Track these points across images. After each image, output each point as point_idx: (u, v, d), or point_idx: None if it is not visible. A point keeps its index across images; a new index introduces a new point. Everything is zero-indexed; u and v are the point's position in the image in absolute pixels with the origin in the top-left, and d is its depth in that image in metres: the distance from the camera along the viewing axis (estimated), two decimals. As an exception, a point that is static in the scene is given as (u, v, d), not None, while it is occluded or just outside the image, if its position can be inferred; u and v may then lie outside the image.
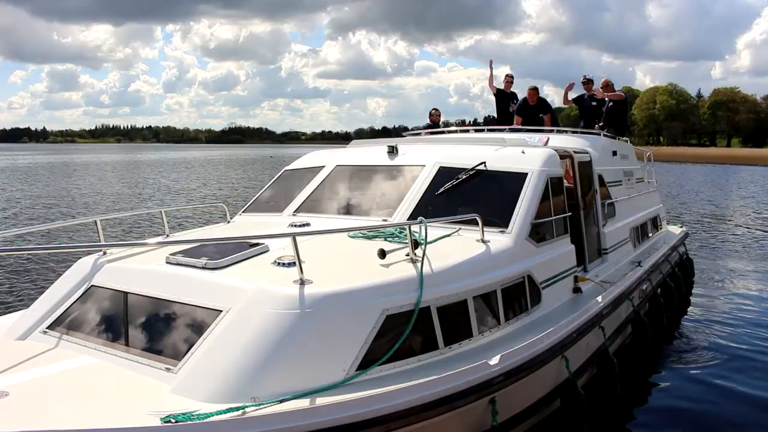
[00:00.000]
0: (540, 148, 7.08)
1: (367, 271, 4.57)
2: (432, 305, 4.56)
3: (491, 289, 5.15)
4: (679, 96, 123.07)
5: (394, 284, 4.44)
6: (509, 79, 11.80)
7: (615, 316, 7.05)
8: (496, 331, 5.13)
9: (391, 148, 7.32)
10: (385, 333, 4.25)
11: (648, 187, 11.57)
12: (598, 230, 8.07)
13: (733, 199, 32.28)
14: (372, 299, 4.27)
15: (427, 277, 4.59)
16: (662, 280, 9.83)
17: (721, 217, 24.20)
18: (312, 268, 4.46)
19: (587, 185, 8.03)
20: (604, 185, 8.57)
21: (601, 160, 8.64)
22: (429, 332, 4.54)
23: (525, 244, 5.81)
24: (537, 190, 6.24)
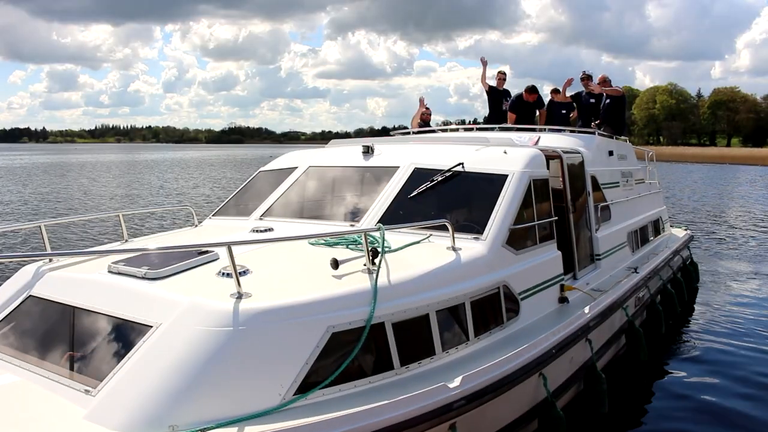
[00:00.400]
0: (524, 148, 6.65)
1: (316, 283, 4.17)
2: (386, 321, 4.13)
3: (458, 301, 4.71)
4: (679, 96, 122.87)
5: (343, 298, 4.02)
6: (501, 76, 11.37)
7: (605, 328, 6.63)
8: (464, 348, 4.68)
9: (366, 148, 6.92)
10: (331, 352, 3.85)
11: (649, 189, 11.11)
12: (590, 235, 7.64)
13: (736, 199, 31.74)
14: (316, 315, 3.86)
15: (383, 290, 4.19)
16: (662, 287, 9.38)
17: (726, 218, 23.62)
18: (257, 280, 4.13)
19: (579, 187, 7.61)
20: (599, 187, 8.14)
21: (595, 160, 8.21)
22: (383, 351, 4.12)
23: (501, 251, 5.37)
24: (517, 193, 5.80)
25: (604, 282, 7.31)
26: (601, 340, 6.62)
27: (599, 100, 10.77)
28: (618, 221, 8.61)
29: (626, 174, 9.62)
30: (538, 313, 5.72)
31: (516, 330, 5.27)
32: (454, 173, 6.12)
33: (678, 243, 11.02)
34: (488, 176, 6.03)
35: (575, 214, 7.24)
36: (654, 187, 11.71)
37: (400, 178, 6.23)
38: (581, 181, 7.68)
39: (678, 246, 10.85)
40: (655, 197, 11.43)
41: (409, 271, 4.54)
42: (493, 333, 5.02)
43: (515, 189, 5.82)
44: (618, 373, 7.23)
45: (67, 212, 24.16)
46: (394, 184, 6.18)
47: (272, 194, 6.77)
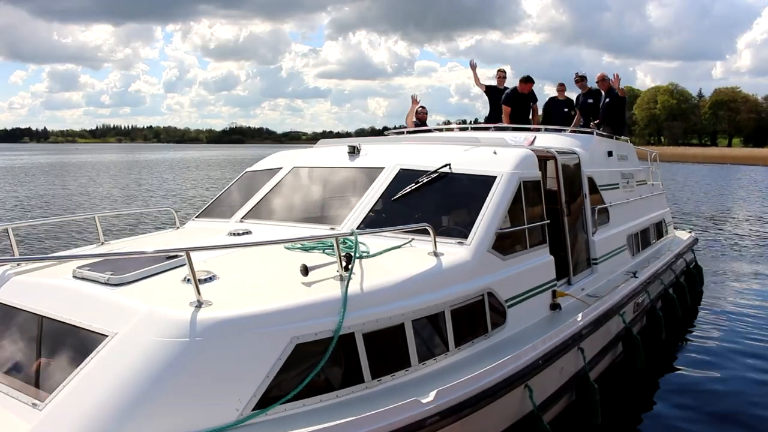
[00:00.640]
0: (514, 149, 6.41)
1: (284, 291, 3.95)
2: (357, 331, 3.91)
3: (437, 310, 4.46)
4: (680, 96, 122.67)
5: (309, 307, 3.80)
6: (501, 74, 11.08)
7: (599, 336, 6.39)
8: (444, 359, 4.44)
9: (351, 148, 6.70)
10: (295, 365, 3.63)
11: (652, 190, 10.81)
12: (587, 238, 7.41)
13: (739, 200, 31.40)
14: (279, 325, 3.64)
15: (354, 298, 3.96)
16: (663, 292, 9.11)
17: (729, 219, 23.25)
18: (222, 287, 3.94)
19: (575, 189, 7.38)
20: (596, 189, 7.89)
21: (592, 161, 7.96)
22: (352, 363, 3.90)
23: (486, 256, 5.13)
24: (506, 196, 5.57)
25: (600, 287, 7.07)
26: (594, 349, 6.39)
27: (597, 100, 10.53)
28: (617, 224, 8.37)
29: (627, 175, 9.36)
30: (528, 321, 5.49)
31: (502, 339, 5.05)
32: (440, 174, 5.90)
33: (681, 246, 10.73)
34: (476, 178, 5.81)
35: (570, 216, 7.01)
36: (657, 188, 11.41)
37: (385, 180, 6.02)
38: (577, 182, 7.45)
39: (681, 249, 10.56)
40: (657, 199, 11.13)
41: (384, 278, 4.32)
42: (476, 343, 4.79)
43: (503, 191, 5.59)
44: (614, 382, 6.99)
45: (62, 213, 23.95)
46: (377, 186, 5.96)
47: (255, 196, 6.58)
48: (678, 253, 10.17)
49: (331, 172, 6.65)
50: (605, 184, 8.25)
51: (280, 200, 6.52)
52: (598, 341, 6.49)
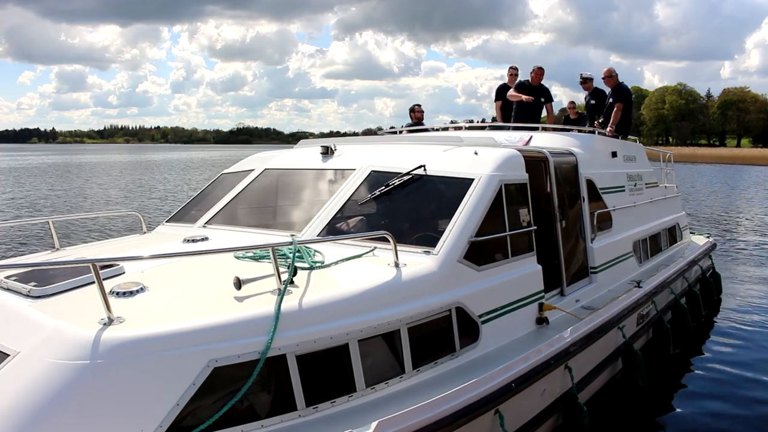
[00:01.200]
0: (497, 149, 5.89)
1: (210, 306, 3.55)
2: (289, 353, 3.47)
3: (391, 328, 3.98)
4: (688, 96, 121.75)
5: (233, 326, 3.36)
6: (513, 72, 10.42)
7: (592, 352, 5.87)
8: (398, 383, 3.96)
9: (325, 148, 6.26)
10: (213, 390, 3.21)
11: (664, 193, 10.17)
12: (584, 245, 6.88)
13: (753, 201, 30.39)
14: (195, 346, 3.21)
15: (290, 315, 3.53)
16: (673, 303, 8.51)
17: (745, 222, 22.22)
18: (146, 301, 3.61)
19: (571, 192, 6.86)
20: (597, 192, 7.35)
21: (592, 162, 7.42)
22: (283, 389, 3.46)
23: (457, 267, 4.62)
24: (483, 200, 5.05)
25: (598, 298, 6.54)
26: (586, 367, 5.87)
27: (601, 99, 9.97)
28: (622, 229, 7.82)
29: (634, 177, 8.79)
30: (508, 337, 4.98)
31: (473, 359, 4.54)
32: (414, 176, 5.41)
33: (696, 252, 10.06)
34: (451, 180, 5.30)
35: (565, 222, 6.48)
36: (671, 190, 10.72)
37: (354, 182, 5.56)
38: (574, 185, 6.93)
39: (696, 255, 9.90)
40: (671, 202, 10.46)
41: (328, 293, 3.84)
42: (440, 364, 4.28)
43: (480, 195, 5.07)
44: (610, 402, 6.43)
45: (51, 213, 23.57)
46: (345, 189, 5.51)
47: (222, 200, 6.18)
48: (692, 260, 9.55)
49: (301, 175, 6.24)
50: (608, 187, 7.71)
51: (246, 204, 6.13)
52: (591, 358, 5.97)
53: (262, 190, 6.29)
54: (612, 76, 9.49)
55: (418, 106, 10.95)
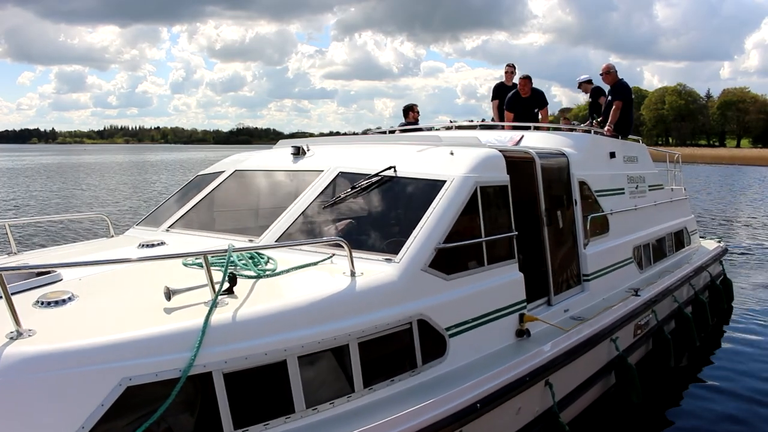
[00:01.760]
0: (475, 149, 5.56)
1: (134, 319, 3.30)
2: (216, 370, 3.17)
3: (338, 343, 3.67)
4: (688, 96, 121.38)
5: (151, 341, 3.08)
6: (509, 70, 10.09)
7: (578, 367, 5.52)
8: (345, 403, 3.64)
9: (296, 149, 5.98)
10: (125, 411, 2.94)
11: (670, 195, 9.72)
12: (576, 251, 6.52)
13: (757, 203, 29.80)
14: (106, 363, 2.94)
15: (219, 329, 3.25)
16: (677, 311, 8.08)
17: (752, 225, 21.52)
18: (67, 313, 3.36)
19: (562, 195, 6.51)
20: (591, 194, 6.99)
21: (586, 163, 7.05)
22: (208, 410, 3.17)
23: (420, 276, 4.30)
24: (454, 203, 4.72)
25: (590, 308, 6.18)
26: (571, 383, 5.52)
27: (596, 97, 9.63)
28: (620, 234, 7.45)
29: (635, 179, 8.39)
30: (482, 351, 4.65)
31: (438, 375, 4.21)
32: (383, 178, 5.09)
33: (704, 257, 9.59)
34: (422, 182, 4.98)
35: (553, 226, 6.13)
36: (678, 193, 10.27)
37: (320, 185, 5.27)
38: (564, 187, 6.58)
39: (704, 261, 9.45)
40: (678, 205, 10.02)
41: (267, 305, 3.53)
42: (397, 381, 3.96)
43: (451, 198, 4.74)
44: (600, 419, 6.05)
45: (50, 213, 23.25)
46: (310, 192, 5.22)
47: (189, 202, 5.94)
48: (699, 266, 9.12)
49: (269, 176, 5.97)
50: (604, 189, 7.34)
51: (213, 207, 5.89)
52: (577, 373, 5.62)
53: (230, 192, 6.04)
54: (610, 73, 9.05)
55: (414, 107, 10.58)
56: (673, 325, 8.13)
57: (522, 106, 9.11)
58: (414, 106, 10.49)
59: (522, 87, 9.15)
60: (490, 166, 5.26)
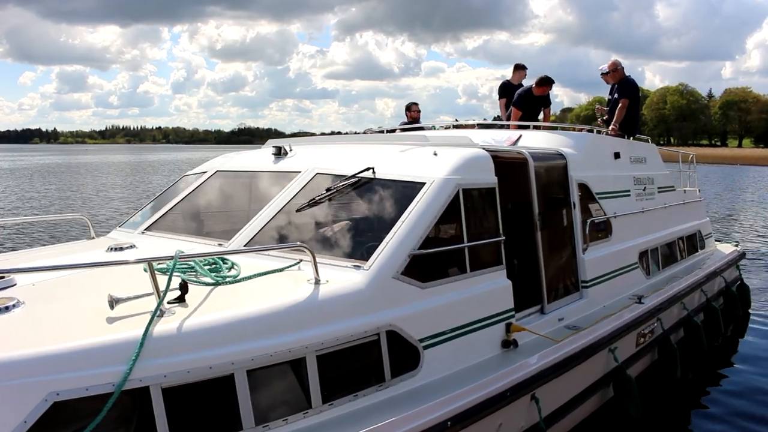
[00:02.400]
0: (459, 149, 5.31)
1: (71, 329, 3.11)
2: (154, 385, 2.99)
3: (294, 356, 3.44)
4: (689, 96, 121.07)
5: (82, 353, 2.90)
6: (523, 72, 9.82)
7: (570, 379, 5.25)
8: (300, 419, 3.43)
9: (277, 149, 5.79)
10: (53, 429, 2.78)
11: (683, 198, 9.32)
12: (574, 256, 6.24)
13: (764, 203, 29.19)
14: (29, 377, 2.77)
15: (162, 341, 3.07)
16: (686, 319, 7.72)
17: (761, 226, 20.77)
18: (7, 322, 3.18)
19: (558, 197, 6.25)
20: (592, 197, 6.70)
21: (587, 164, 6.76)
22: (144, 427, 2.99)
23: (391, 285, 4.06)
24: (432, 207, 4.47)
25: (588, 316, 5.91)
26: (562, 397, 5.25)
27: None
28: (624, 238, 7.13)
29: (643, 180, 8.04)
30: (462, 363, 4.40)
31: (411, 389, 3.96)
32: (360, 180, 4.87)
33: (719, 262, 9.19)
34: (400, 184, 4.75)
35: (548, 231, 5.86)
36: (692, 195, 9.85)
37: (295, 187, 5.06)
38: (561, 189, 6.31)
39: (718, 266, 9.05)
40: (692, 207, 9.60)
41: (217, 315, 3.31)
42: (362, 396, 3.72)
43: (430, 201, 4.49)
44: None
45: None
46: (285, 195, 5.02)
47: (168, 204, 5.80)
48: (712, 272, 8.73)
49: (248, 177, 5.80)
50: (607, 191, 7.04)
51: (189, 210, 5.72)
52: (568, 386, 5.34)
53: (208, 194, 5.87)
54: (617, 70, 8.69)
55: (414, 105, 10.41)
56: (681, 333, 7.81)
57: (532, 105, 8.88)
58: (413, 104, 10.30)
59: (539, 90, 8.85)
60: (475, 167, 5.02)
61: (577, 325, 5.62)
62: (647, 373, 7.02)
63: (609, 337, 5.70)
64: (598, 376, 5.82)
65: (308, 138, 7.37)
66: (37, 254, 5.50)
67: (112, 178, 46.96)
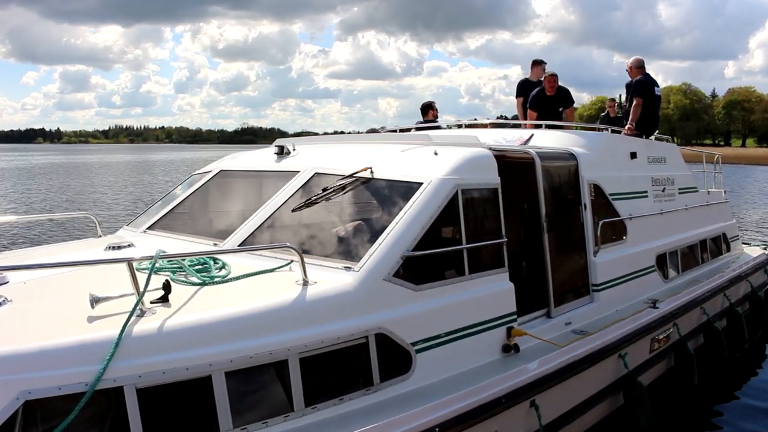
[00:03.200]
0: (462, 148, 5.24)
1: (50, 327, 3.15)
2: (128, 384, 3.00)
3: (275, 358, 3.42)
4: (693, 95, 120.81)
5: (56, 352, 2.93)
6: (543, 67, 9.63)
7: (574, 386, 5.11)
8: (281, 423, 3.40)
9: (279, 148, 5.78)
10: (25, 427, 2.81)
11: (706, 199, 9.07)
12: (585, 259, 6.15)
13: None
14: (3, 375, 2.82)
15: (137, 340, 3.09)
16: (706, 324, 7.50)
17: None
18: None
19: (568, 198, 6.17)
20: (605, 198, 6.59)
21: (599, 164, 6.65)
22: (117, 427, 2.99)
23: (382, 287, 4.02)
24: (428, 208, 4.42)
25: (598, 321, 5.80)
26: (565, 404, 5.12)
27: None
28: (640, 240, 7.00)
29: (662, 181, 7.86)
30: (458, 368, 4.34)
31: (401, 394, 3.91)
32: (358, 180, 4.83)
33: (744, 266, 8.89)
34: (397, 184, 4.70)
35: (555, 233, 5.76)
36: (717, 196, 9.59)
37: (293, 187, 5.05)
38: (572, 190, 6.23)
39: (744, 270, 8.73)
40: (716, 209, 9.36)
41: (196, 315, 3.30)
42: (347, 400, 3.67)
43: (426, 202, 4.44)
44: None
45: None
46: (282, 194, 5.01)
47: (171, 203, 5.86)
48: (736, 275, 8.45)
49: (249, 177, 5.83)
50: (622, 192, 6.91)
51: (189, 209, 5.79)
52: (573, 394, 5.21)
53: (211, 193, 5.92)
54: (632, 69, 8.51)
55: (432, 104, 10.19)
56: (701, 340, 7.62)
57: (546, 105, 8.70)
58: (432, 103, 10.15)
59: (548, 84, 8.73)
60: (476, 167, 4.95)
61: (585, 329, 5.51)
62: (662, 381, 6.87)
63: (618, 343, 5.57)
64: (606, 382, 5.67)
65: (313, 137, 7.34)
66: (36, 253, 5.50)
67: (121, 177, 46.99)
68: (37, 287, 3.76)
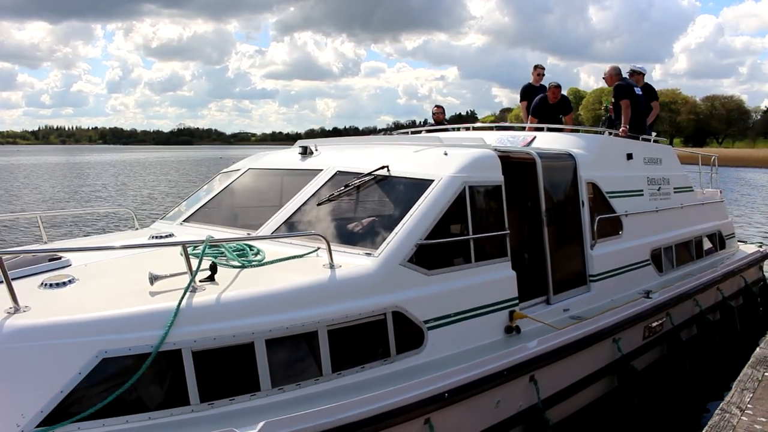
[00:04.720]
0: (468, 149, 5.87)
1: (117, 300, 3.72)
2: (185, 348, 3.58)
3: (307, 329, 4.01)
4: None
5: (127, 319, 3.52)
6: (540, 71, 10.30)
7: (570, 365, 5.74)
8: (311, 385, 3.97)
9: (303, 149, 6.38)
10: (100, 381, 3.38)
11: (701, 198, 9.62)
12: (582, 252, 6.78)
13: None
14: (85, 336, 3.40)
15: (192, 311, 3.67)
16: (698, 316, 8.15)
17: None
18: (64, 294, 3.83)
19: (567, 196, 6.76)
20: (602, 196, 7.18)
21: (596, 164, 7.21)
22: (176, 383, 3.58)
23: (398, 271, 4.60)
24: (438, 202, 5.03)
25: (594, 308, 6.40)
26: (561, 381, 5.71)
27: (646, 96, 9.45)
28: (635, 236, 7.54)
29: (657, 180, 8.38)
30: (465, 345, 4.93)
31: (414, 365, 4.50)
32: (377, 177, 5.43)
33: (738, 262, 9.49)
34: (411, 181, 5.31)
35: (555, 227, 6.38)
36: (712, 196, 10.20)
37: (317, 183, 5.64)
38: (570, 188, 6.82)
39: (738, 265, 9.36)
40: (711, 208, 9.90)
41: (240, 292, 3.94)
42: (368, 368, 4.27)
43: (437, 197, 5.05)
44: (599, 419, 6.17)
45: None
46: (307, 190, 5.60)
47: (204, 198, 6.53)
48: (729, 271, 9.01)
49: (276, 175, 6.41)
50: (618, 191, 7.48)
51: (223, 203, 6.33)
52: (569, 372, 5.81)
53: (241, 189, 6.51)
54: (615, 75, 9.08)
55: (438, 107, 10.99)
56: (695, 330, 8.15)
57: (548, 112, 9.29)
58: (439, 106, 10.91)
59: (551, 94, 9.34)
60: (482, 167, 5.52)
61: (581, 315, 6.10)
62: (656, 366, 7.42)
63: (612, 328, 6.15)
64: (601, 364, 6.26)
65: (333, 139, 7.85)
66: (89, 242, 6.11)
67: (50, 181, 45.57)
68: (96, 269, 4.33)
